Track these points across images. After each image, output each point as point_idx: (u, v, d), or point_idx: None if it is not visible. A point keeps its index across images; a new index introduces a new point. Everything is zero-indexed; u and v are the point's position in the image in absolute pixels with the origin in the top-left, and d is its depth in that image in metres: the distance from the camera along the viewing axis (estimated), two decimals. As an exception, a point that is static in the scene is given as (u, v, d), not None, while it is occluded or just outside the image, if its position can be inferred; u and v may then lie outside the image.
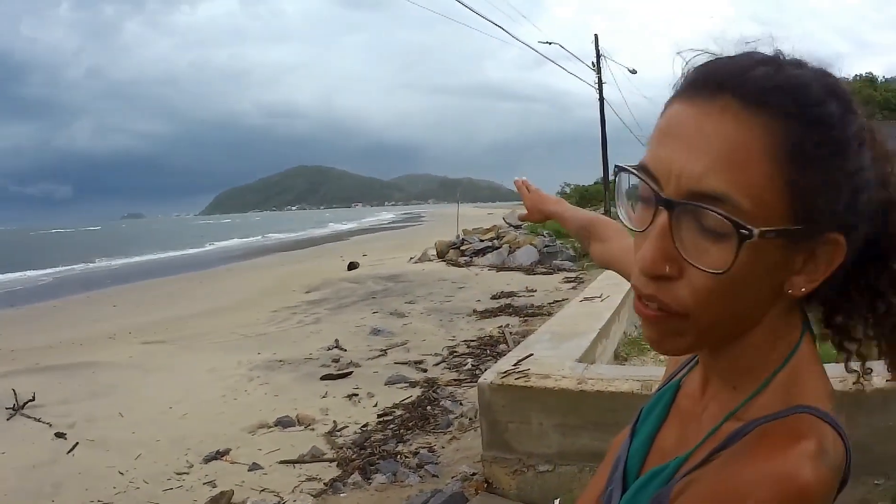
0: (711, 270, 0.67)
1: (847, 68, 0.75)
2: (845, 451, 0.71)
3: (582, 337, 5.31)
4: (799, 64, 0.71)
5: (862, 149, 0.70)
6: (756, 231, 0.65)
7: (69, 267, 35.75)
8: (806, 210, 0.67)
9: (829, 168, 0.67)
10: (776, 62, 0.70)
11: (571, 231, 1.56)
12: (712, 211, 0.65)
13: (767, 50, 0.73)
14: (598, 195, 40.09)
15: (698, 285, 0.69)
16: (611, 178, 0.81)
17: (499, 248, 21.36)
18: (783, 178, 0.66)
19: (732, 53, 0.73)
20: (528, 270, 18.34)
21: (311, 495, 4.77)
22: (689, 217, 0.68)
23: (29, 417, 6.80)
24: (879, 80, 50.18)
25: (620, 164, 0.77)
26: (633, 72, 34.78)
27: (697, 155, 0.67)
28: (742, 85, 0.67)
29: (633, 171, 0.73)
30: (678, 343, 0.74)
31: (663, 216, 0.69)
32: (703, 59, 0.74)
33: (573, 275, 16.88)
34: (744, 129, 0.66)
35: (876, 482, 3.50)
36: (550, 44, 28.25)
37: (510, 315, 11.54)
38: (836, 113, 0.68)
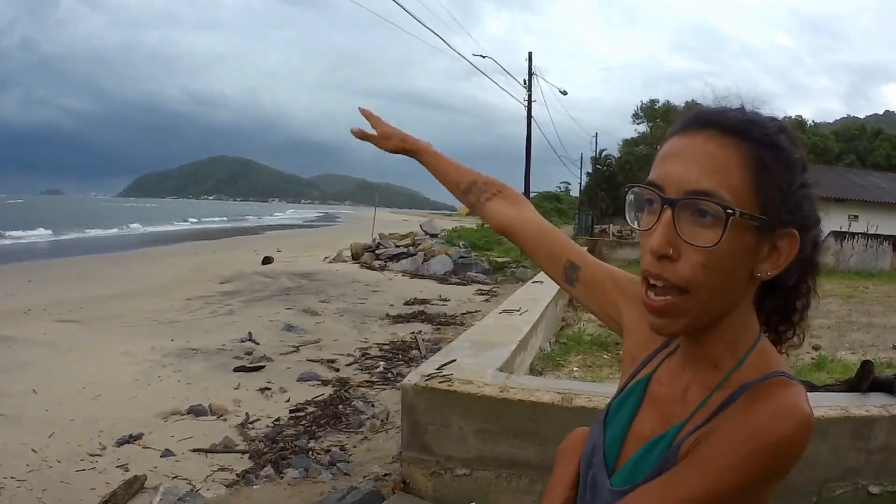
0: (704, 245, 0.91)
1: (778, 109, 1.02)
2: None
3: (502, 347, 5.44)
4: (757, 112, 0.99)
5: (805, 172, 0.98)
6: (738, 211, 0.90)
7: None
8: (766, 206, 0.93)
9: (781, 178, 0.94)
10: (743, 110, 0.99)
11: (455, 180, 1.55)
12: (706, 200, 0.91)
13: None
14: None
15: (693, 261, 0.92)
16: (625, 196, 1.04)
17: (414, 254, 21.48)
18: (752, 182, 0.92)
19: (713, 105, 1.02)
20: (442, 280, 18.53)
21: (224, 485, 4.74)
22: (686, 211, 0.92)
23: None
24: (809, 124, 52.30)
25: (630, 184, 1.02)
26: (564, 93, 35.75)
27: (691, 166, 0.93)
28: (721, 121, 0.95)
29: (642, 185, 0.98)
30: (680, 323, 0.96)
31: (667, 212, 0.93)
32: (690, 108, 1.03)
33: (487, 287, 17.16)
34: (722, 147, 0.93)
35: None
36: (485, 57, 28.75)
37: (423, 322, 11.70)
38: (785, 143, 0.96)
